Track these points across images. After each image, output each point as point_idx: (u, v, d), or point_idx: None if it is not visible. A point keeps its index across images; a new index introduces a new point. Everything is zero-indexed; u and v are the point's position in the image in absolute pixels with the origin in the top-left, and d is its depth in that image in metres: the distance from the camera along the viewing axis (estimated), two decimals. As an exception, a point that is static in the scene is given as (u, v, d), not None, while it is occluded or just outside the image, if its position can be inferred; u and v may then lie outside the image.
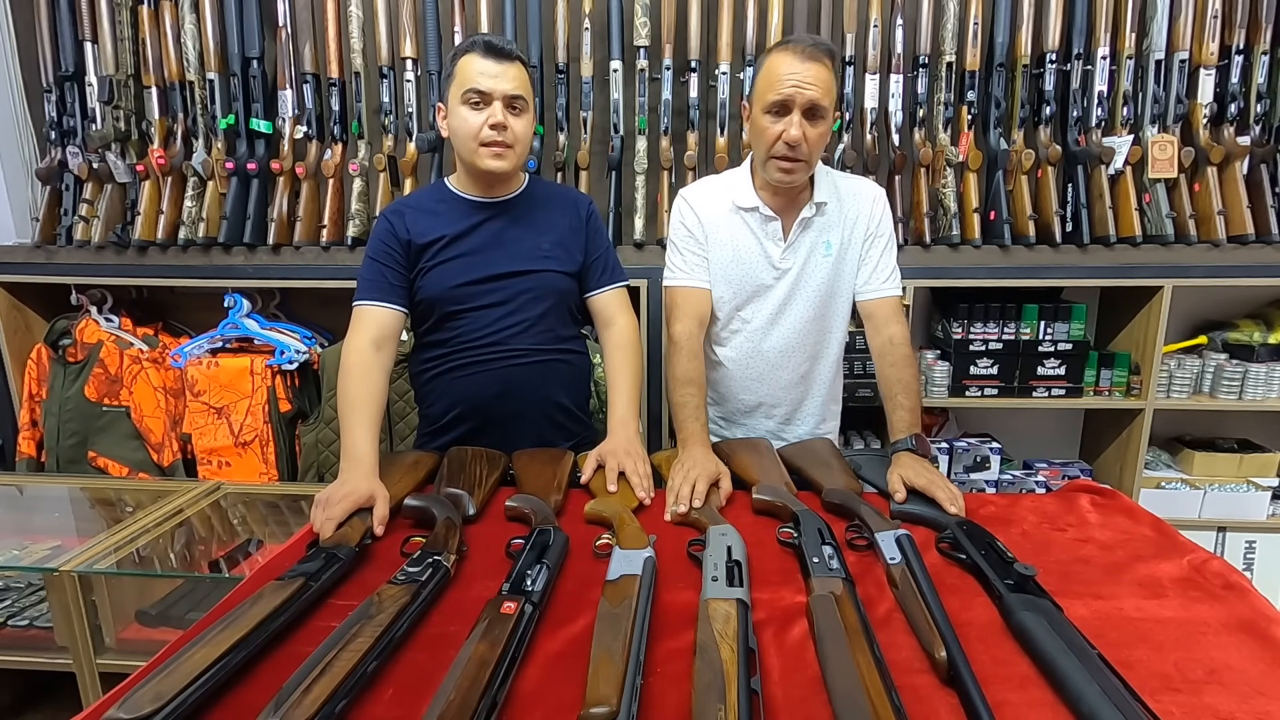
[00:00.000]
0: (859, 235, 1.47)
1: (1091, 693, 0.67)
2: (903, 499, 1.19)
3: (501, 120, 1.33)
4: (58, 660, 1.44)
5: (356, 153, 2.32)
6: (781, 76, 1.30)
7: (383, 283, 1.40)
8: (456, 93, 1.35)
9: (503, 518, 1.18)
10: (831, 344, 1.54)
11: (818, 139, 1.34)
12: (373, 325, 1.38)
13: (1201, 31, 2.15)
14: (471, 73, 1.32)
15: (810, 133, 1.32)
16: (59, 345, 2.39)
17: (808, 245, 1.47)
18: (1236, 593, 0.91)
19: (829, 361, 1.56)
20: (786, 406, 1.57)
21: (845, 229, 1.47)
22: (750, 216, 1.46)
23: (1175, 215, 2.18)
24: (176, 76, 2.30)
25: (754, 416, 1.58)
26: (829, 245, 1.47)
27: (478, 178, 1.43)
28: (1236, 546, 2.37)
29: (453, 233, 1.41)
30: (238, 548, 1.59)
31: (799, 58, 1.30)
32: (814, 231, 1.46)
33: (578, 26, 2.23)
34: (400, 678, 0.77)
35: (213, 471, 2.29)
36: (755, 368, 1.54)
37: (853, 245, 1.48)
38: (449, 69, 1.37)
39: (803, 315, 1.49)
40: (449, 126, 1.39)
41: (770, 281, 1.48)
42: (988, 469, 2.38)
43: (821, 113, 1.32)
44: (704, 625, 0.77)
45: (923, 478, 1.20)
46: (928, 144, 2.24)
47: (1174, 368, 2.29)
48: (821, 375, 1.56)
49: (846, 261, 1.48)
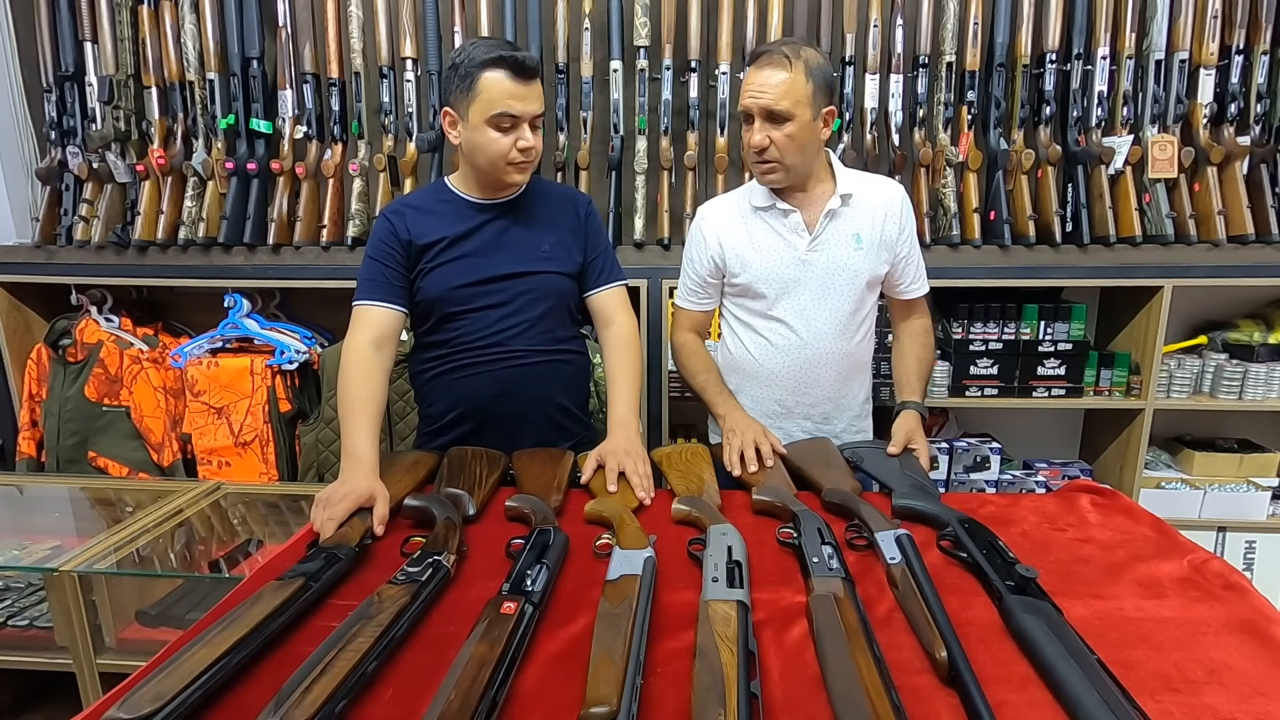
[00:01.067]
0: (889, 233, 1.50)
1: (1090, 699, 0.67)
2: (897, 451, 1.38)
3: (531, 143, 1.34)
4: (58, 660, 1.44)
5: (356, 153, 2.31)
6: (744, 89, 1.39)
7: (383, 282, 1.40)
8: (482, 111, 1.30)
9: (503, 518, 1.18)
10: (867, 341, 1.58)
11: (785, 140, 1.38)
12: (372, 325, 1.38)
13: (1201, 31, 2.14)
14: (501, 96, 1.29)
15: (776, 135, 1.37)
16: (59, 345, 2.39)
17: (836, 236, 1.48)
18: (1236, 593, 0.91)
19: (864, 359, 1.60)
20: (827, 405, 1.56)
21: (874, 225, 1.49)
22: (768, 214, 1.50)
23: (1175, 215, 2.17)
24: (176, 76, 2.30)
25: (792, 418, 1.57)
26: (859, 238, 1.48)
27: (488, 185, 1.42)
28: (1236, 546, 2.36)
29: (454, 234, 1.41)
30: (238, 548, 1.59)
31: (756, 67, 1.38)
32: (842, 223, 1.48)
33: (578, 26, 2.23)
34: (400, 678, 0.77)
35: (213, 471, 2.29)
36: (801, 372, 1.53)
37: (883, 243, 1.50)
38: (468, 78, 1.30)
39: (841, 309, 1.50)
40: (469, 140, 1.35)
41: (798, 275, 1.49)
42: (988, 469, 2.38)
43: (783, 114, 1.35)
44: (704, 627, 0.77)
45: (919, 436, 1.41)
46: (928, 144, 2.24)
47: (1174, 368, 2.29)
48: (859, 373, 1.60)
49: (881, 259, 1.50)
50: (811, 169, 1.47)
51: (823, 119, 1.40)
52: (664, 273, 2.19)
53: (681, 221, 2.23)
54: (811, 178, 1.48)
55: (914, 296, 1.58)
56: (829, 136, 1.48)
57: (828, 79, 1.39)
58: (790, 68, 1.34)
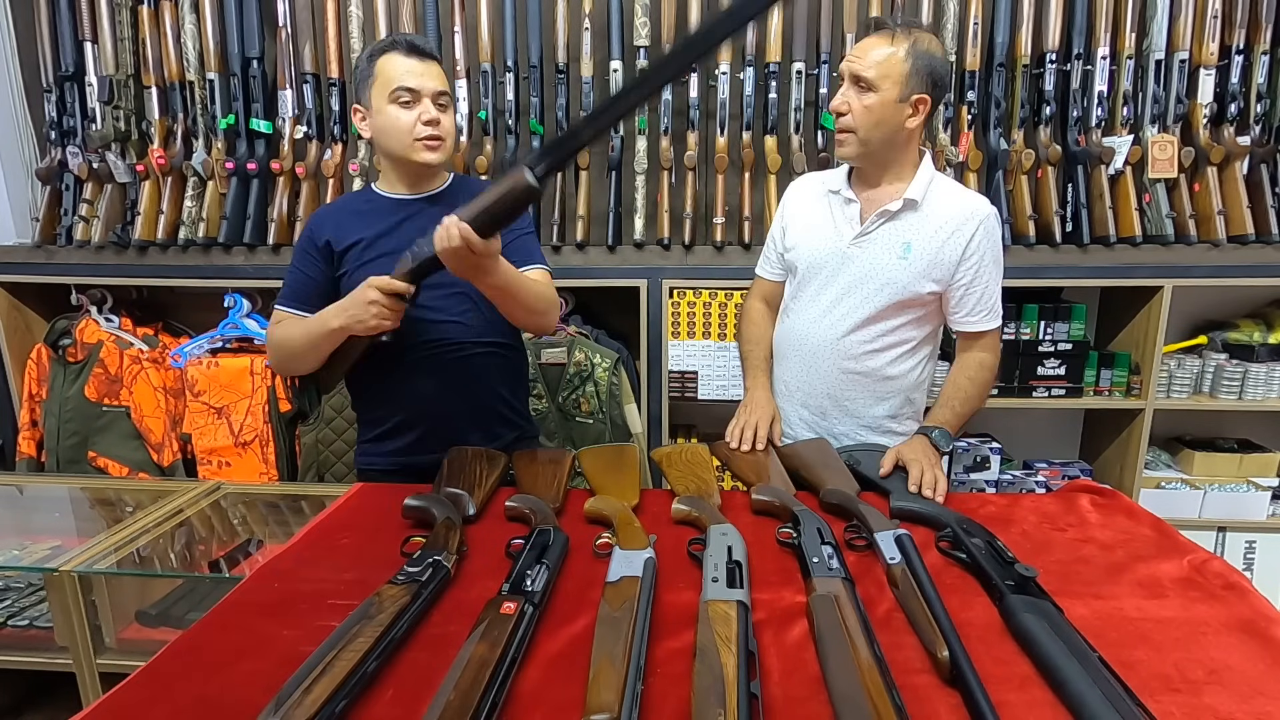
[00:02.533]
0: (948, 254, 1.38)
1: (1093, 697, 0.67)
2: (885, 473, 1.29)
3: (435, 116, 1.36)
4: (58, 660, 1.44)
5: (356, 153, 2.31)
6: (849, 52, 1.38)
7: (299, 289, 1.42)
8: (382, 92, 1.35)
9: (503, 518, 1.18)
10: (896, 360, 1.46)
11: (862, 110, 1.34)
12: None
13: (1201, 31, 2.14)
14: (397, 71, 1.34)
15: (855, 103, 1.34)
16: (59, 345, 2.39)
17: (885, 239, 1.41)
18: (1236, 593, 0.91)
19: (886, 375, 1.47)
20: (825, 402, 1.51)
21: (933, 240, 1.38)
22: (834, 199, 1.48)
23: (1175, 215, 2.18)
24: (176, 76, 2.30)
25: (792, 402, 1.55)
26: (908, 247, 1.39)
27: (406, 174, 1.43)
28: (1236, 546, 2.37)
29: (373, 233, 1.41)
30: (238, 548, 1.59)
31: (864, 34, 1.36)
32: (897, 227, 1.40)
33: (578, 26, 2.23)
34: (400, 678, 0.77)
35: (213, 471, 2.29)
36: (799, 349, 1.51)
37: (936, 262, 1.39)
38: (365, 70, 1.37)
39: (860, 313, 1.43)
40: (374, 127, 1.39)
41: (835, 266, 1.44)
42: (988, 469, 2.38)
43: (868, 83, 1.32)
44: (704, 627, 0.77)
45: (914, 455, 1.29)
46: (928, 144, 2.24)
47: (1174, 368, 2.29)
48: (876, 387, 1.48)
49: (929, 279, 1.39)
50: (890, 158, 1.39)
51: (912, 105, 1.33)
52: (664, 273, 2.19)
53: (681, 221, 2.23)
54: (889, 171, 1.41)
55: (972, 330, 1.45)
56: (918, 130, 1.39)
57: (932, 67, 1.32)
58: (893, 42, 1.31)
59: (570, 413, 2.22)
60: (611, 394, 2.18)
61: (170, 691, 0.75)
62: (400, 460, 1.47)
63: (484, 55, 2.25)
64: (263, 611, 0.90)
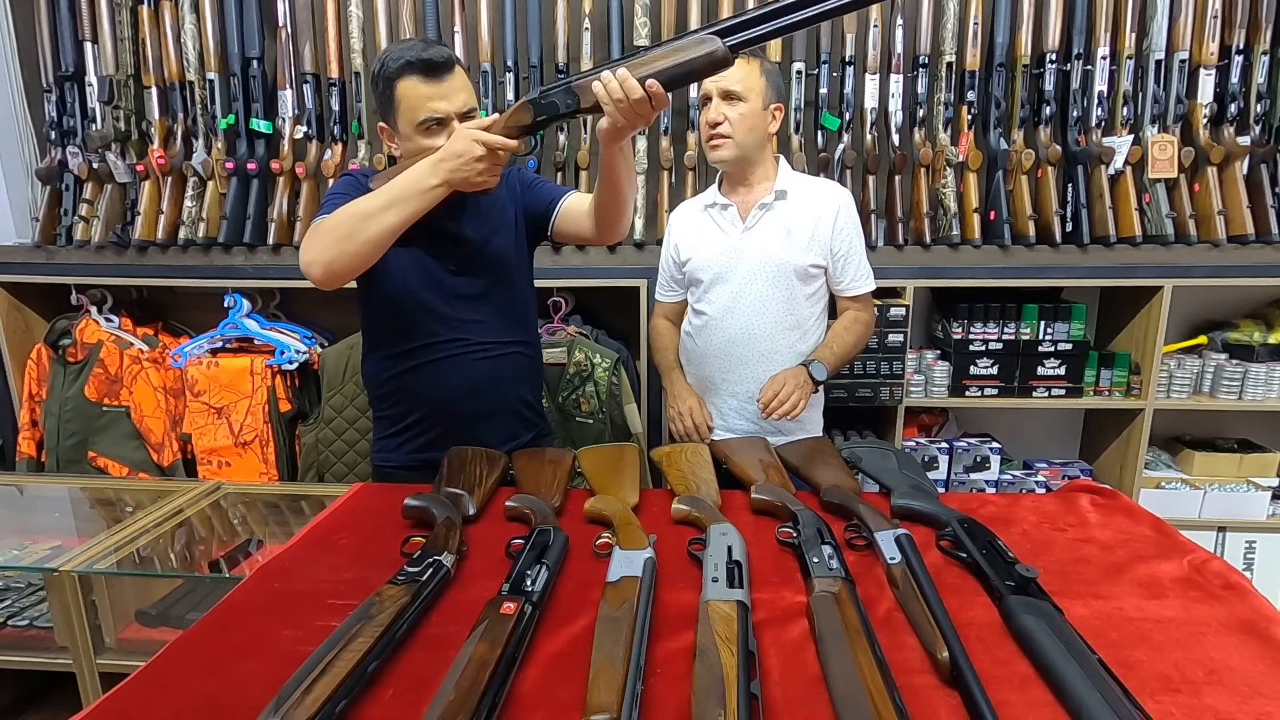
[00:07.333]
0: (822, 231, 1.61)
1: (1093, 699, 0.67)
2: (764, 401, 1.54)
3: None
4: (58, 660, 1.44)
5: (357, 153, 2.32)
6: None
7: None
8: (408, 121, 1.29)
9: (503, 518, 1.18)
10: (804, 335, 1.66)
11: (737, 118, 1.56)
12: None
13: (1201, 31, 2.15)
14: (419, 101, 1.27)
15: (730, 113, 1.56)
16: (59, 345, 2.39)
17: (767, 227, 1.62)
18: (1237, 593, 0.91)
19: (798, 350, 1.66)
20: (752, 384, 1.65)
21: (808, 222, 1.61)
22: (713, 210, 1.69)
23: (1175, 215, 2.18)
24: (176, 76, 2.30)
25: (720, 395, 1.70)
26: (789, 230, 1.61)
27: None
28: (1236, 546, 2.37)
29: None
30: (238, 548, 1.59)
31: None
32: (774, 215, 1.63)
33: (578, 26, 2.23)
34: (400, 678, 0.77)
35: (213, 471, 2.29)
36: (719, 343, 1.67)
37: (814, 239, 1.61)
38: (385, 92, 1.30)
39: (767, 295, 1.62)
40: (407, 151, 1.32)
41: (731, 262, 1.64)
42: (988, 469, 2.38)
43: (737, 95, 1.54)
44: (704, 628, 0.77)
45: (783, 377, 1.55)
46: (928, 144, 2.24)
47: (1174, 368, 2.29)
48: (793, 362, 1.64)
49: (812, 253, 1.61)
50: (757, 158, 1.63)
51: (771, 113, 1.60)
52: (664, 273, 2.19)
53: (681, 221, 2.23)
54: (756, 172, 1.64)
55: (856, 294, 1.68)
56: (774, 134, 1.64)
57: (777, 82, 1.61)
58: (749, 62, 1.55)
59: (570, 413, 2.22)
60: (611, 394, 2.18)
61: (170, 691, 0.75)
62: (420, 457, 1.46)
63: (484, 55, 2.25)
64: (263, 611, 0.90)
